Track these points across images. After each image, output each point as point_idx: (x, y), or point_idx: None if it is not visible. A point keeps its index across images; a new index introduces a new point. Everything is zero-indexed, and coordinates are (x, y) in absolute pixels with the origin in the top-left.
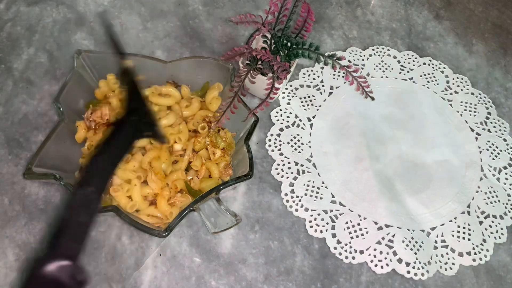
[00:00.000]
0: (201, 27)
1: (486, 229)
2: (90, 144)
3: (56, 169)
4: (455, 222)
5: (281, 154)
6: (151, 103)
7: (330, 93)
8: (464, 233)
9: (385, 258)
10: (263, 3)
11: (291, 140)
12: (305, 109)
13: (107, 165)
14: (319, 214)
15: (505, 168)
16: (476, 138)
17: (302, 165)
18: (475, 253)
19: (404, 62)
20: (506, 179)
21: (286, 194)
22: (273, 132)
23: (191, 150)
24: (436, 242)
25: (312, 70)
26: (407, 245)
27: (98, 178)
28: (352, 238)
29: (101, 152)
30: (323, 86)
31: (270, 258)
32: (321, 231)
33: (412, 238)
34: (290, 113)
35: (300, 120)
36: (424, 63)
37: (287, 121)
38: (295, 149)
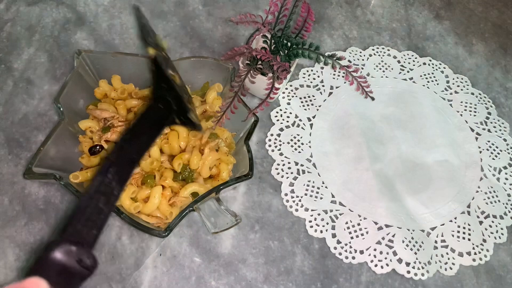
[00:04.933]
0: (201, 27)
1: (486, 229)
2: (89, 131)
3: (56, 169)
4: (455, 222)
5: (281, 154)
6: (186, 89)
7: (330, 93)
8: (464, 233)
9: (385, 258)
10: (263, 3)
11: (291, 140)
12: (305, 109)
13: (131, 153)
14: (319, 214)
15: (505, 168)
16: (476, 138)
17: (302, 165)
18: (475, 253)
19: (404, 62)
20: (506, 179)
21: (286, 194)
22: (273, 132)
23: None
24: (436, 242)
25: (312, 70)
26: (407, 245)
27: (121, 166)
28: (352, 238)
29: (126, 140)
30: (323, 86)
31: (270, 258)
32: (321, 231)
33: (412, 238)
34: (290, 113)
35: (300, 120)
36: (424, 63)
37: (287, 121)
38: (295, 149)
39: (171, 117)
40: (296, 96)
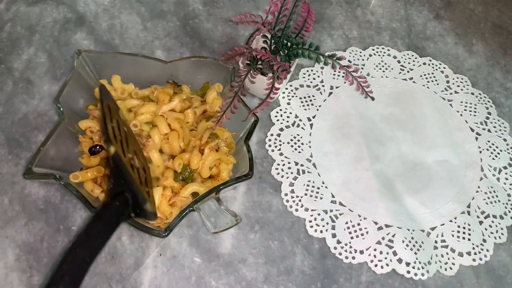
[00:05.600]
0: (201, 27)
1: (486, 229)
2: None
3: (56, 169)
4: (455, 222)
5: (281, 154)
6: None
7: (330, 93)
8: (464, 233)
9: (385, 258)
10: (263, 3)
11: (291, 140)
12: (305, 109)
13: (84, 257)
14: (319, 214)
15: (505, 168)
16: (476, 138)
17: (302, 165)
18: (475, 253)
19: (404, 62)
20: (506, 179)
21: (286, 194)
22: (273, 132)
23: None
24: (436, 242)
25: (312, 70)
26: (407, 245)
27: (73, 274)
28: (352, 238)
29: (79, 244)
30: (323, 86)
31: (270, 258)
32: (321, 231)
33: (412, 238)
34: (290, 113)
35: (300, 120)
36: (424, 63)
37: (287, 121)
38: (295, 149)
39: (127, 212)
40: (296, 96)
